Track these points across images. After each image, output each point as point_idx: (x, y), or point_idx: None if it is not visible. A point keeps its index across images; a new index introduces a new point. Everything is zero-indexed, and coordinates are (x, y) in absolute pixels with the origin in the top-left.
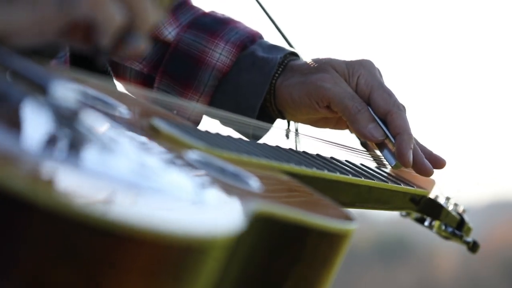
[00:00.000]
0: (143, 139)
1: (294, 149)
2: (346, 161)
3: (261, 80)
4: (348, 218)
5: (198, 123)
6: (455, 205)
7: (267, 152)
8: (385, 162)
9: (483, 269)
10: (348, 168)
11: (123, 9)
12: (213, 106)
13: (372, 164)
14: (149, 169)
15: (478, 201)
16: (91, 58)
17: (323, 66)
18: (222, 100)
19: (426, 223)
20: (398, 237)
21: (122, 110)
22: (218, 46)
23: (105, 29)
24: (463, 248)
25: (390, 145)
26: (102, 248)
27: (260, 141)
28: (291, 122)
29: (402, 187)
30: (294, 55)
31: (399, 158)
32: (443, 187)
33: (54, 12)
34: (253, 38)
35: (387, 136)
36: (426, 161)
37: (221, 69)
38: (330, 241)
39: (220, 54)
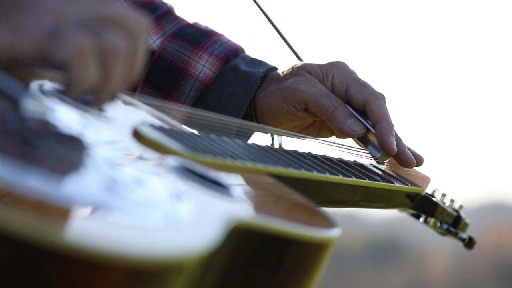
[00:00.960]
0: (123, 146)
1: (284, 148)
2: (338, 159)
3: (243, 94)
4: (331, 225)
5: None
6: (452, 201)
7: (254, 154)
8: (371, 157)
9: (475, 270)
10: (339, 168)
11: (100, 72)
12: None
13: (368, 162)
14: (121, 184)
15: (471, 202)
16: None
17: (297, 70)
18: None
19: (421, 220)
20: (390, 238)
21: (106, 114)
22: (202, 58)
23: (76, 83)
24: (455, 249)
25: (373, 139)
26: (68, 275)
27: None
28: (275, 136)
29: (396, 185)
30: (275, 69)
31: (382, 146)
32: (439, 184)
33: (35, 44)
34: (236, 52)
35: (368, 130)
36: (408, 151)
37: (204, 80)
38: (312, 251)
39: (203, 66)
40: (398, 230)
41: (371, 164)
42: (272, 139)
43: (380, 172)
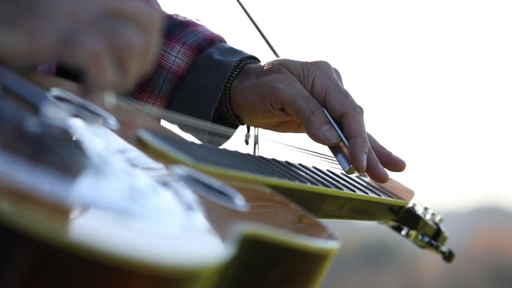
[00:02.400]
0: (132, 154)
1: (277, 159)
2: (327, 170)
3: (215, 84)
4: (330, 236)
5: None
6: (433, 214)
7: (251, 165)
8: (339, 166)
9: (467, 274)
10: (330, 179)
11: (117, 71)
12: (171, 110)
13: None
14: (139, 192)
15: (463, 206)
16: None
17: (277, 67)
18: (178, 104)
19: (403, 232)
20: (383, 241)
21: (111, 122)
22: (174, 48)
23: (97, 86)
24: (448, 236)
25: (345, 149)
26: (94, 281)
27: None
28: (251, 128)
29: (382, 198)
30: (253, 58)
31: (353, 162)
32: (421, 197)
33: (51, 48)
34: (212, 41)
35: (342, 140)
36: (381, 167)
37: (176, 72)
38: (312, 261)
39: (175, 57)
40: (391, 233)
41: (356, 177)
42: (248, 130)
43: (366, 185)
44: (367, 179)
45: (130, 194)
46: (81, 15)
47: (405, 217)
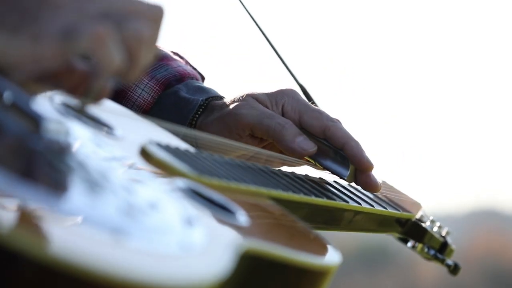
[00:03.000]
0: (135, 167)
1: (282, 170)
2: (334, 181)
3: (179, 122)
4: (331, 253)
5: None
6: (440, 227)
7: (256, 177)
8: (335, 177)
9: (465, 277)
10: (336, 191)
11: (125, 56)
12: None
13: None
14: (137, 209)
15: (461, 209)
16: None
17: (241, 97)
18: None
19: (409, 244)
20: (381, 244)
21: (116, 132)
22: (142, 82)
23: (102, 70)
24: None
25: (335, 159)
26: None
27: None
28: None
29: (388, 211)
30: (220, 98)
31: (358, 164)
32: (428, 210)
33: (56, 48)
34: (182, 77)
35: (331, 149)
36: (373, 175)
37: (141, 105)
38: (312, 278)
39: (142, 90)
40: (389, 237)
41: (348, 185)
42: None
43: (372, 197)
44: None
45: (127, 210)
46: (85, 13)
47: (411, 230)
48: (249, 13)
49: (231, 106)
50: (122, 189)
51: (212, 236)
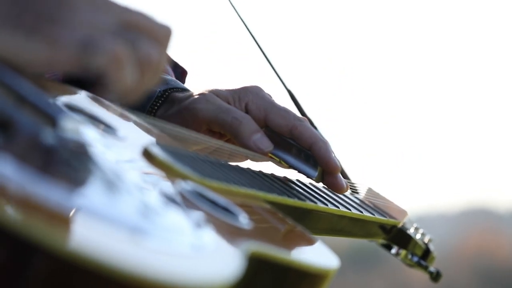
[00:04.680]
0: (142, 169)
1: (275, 175)
2: (323, 187)
3: (138, 110)
4: (330, 257)
5: None
6: (423, 234)
7: (252, 180)
8: (303, 176)
9: (456, 276)
10: (327, 197)
11: (136, 77)
12: None
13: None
14: (151, 209)
15: (452, 208)
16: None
17: (202, 92)
18: None
19: (393, 251)
20: (372, 244)
21: (120, 134)
22: None
23: (119, 91)
24: (436, 255)
25: (303, 158)
26: None
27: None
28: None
29: (376, 217)
30: (183, 90)
31: (325, 165)
32: (420, 209)
33: (73, 56)
34: None
35: (298, 149)
36: (340, 176)
37: None
38: (312, 281)
39: None
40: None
41: (350, 194)
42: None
43: (359, 203)
44: (360, 197)
45: (142, 210)
46: (100, 26)
47: (396, 236)
48: (239, 16)
49: (188, 100)
50: (136, 189)
51: (221, 238)
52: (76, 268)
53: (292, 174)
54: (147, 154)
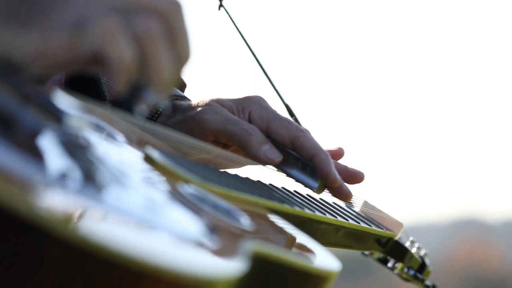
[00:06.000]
0: (144, 171)
1: (274, 184)
2: (320, 199)
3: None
4: (332, 259)
5: None
6: (418, 248)
7: (252, 188)
8: (303, 188)
9: (447, 285)
10: (325, 208)
11: (135, 47)
12: None
13: (341, 203)
14: (157, 204)
15: (443, 219)
16: (87, 81)
17: (206, 101)
18: None
19: (389, 264)
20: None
21: (119, 138)
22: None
23: (117, 65)
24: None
25: (304, 170)
26: (115, 282)
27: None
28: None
29: (373, 228)
30: (183, 98)
31: (325, 178)
32: (411, 219)
33: (65, 41)
34: None
35: (299, 160)
36: (345, 184)
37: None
38: (314, 282)
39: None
40: None
41: (346, 206)
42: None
43: (356, 214)
44: (356, 209)
45: (149, 205)
46: (94, 7)
47: (393, 249)
48: (237, 28)
49: (195, 111)
50: (140, 186)
51: (224, 236)
52: (87, 255)
53: (290, 184)
54: (149, 159)
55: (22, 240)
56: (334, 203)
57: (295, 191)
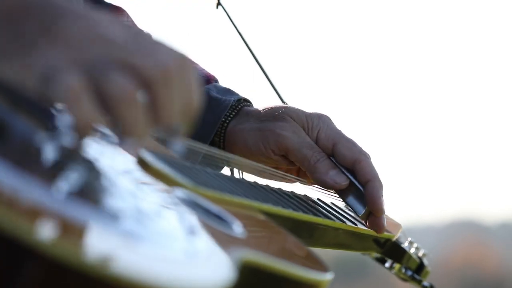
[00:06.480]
0: (136, 176)
1: (270, 186)
2: (318, 199)
3: (212, 121)
4: (324, 267)
5: None
6: (417, 248)
7: (247, 191)
8: (350, 210)
9: (444, 287)
10: (321, 209)
11: (99, 110)
12: None
13: (340, 204)
14: (145, 215)
15: (440, 220)
16: None
17: (282, 115)
18: None
19: (387, 265)
20: (359, 255)
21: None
22: None
23: (77, 124)
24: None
25: (355, 194)
26: None
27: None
28: (235, 171)
29: (371, 230)
30: (248, 101)
31: (372, 205)
32: (408, 221)
33: (35, 84)
34: (208, 79)
35: (352, 184)
36: (385, 217)
37: None
38: None
39: None
40: None
41: (345, 207)
42: (232, 172)
43: (354, 216)
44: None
45: (136, 216)
46: (82, 55)
47: (390, 250)
48: (235, 26)
49: (274, 124)
50: (129, 195)
51: (214, 245)
52: (70, 271)
53: (287, 187)
54: (142, 162)
55: (6, 257)
56: (332, 203)
57: (291, 192)
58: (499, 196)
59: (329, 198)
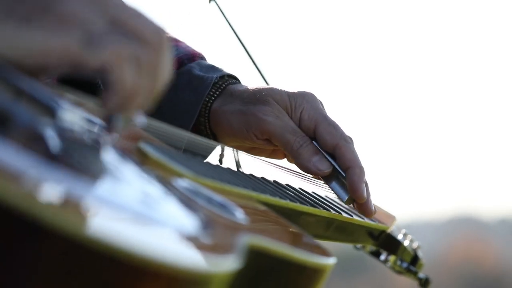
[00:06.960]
0: (137, 164)
1: (266, 178)
2: (313, 192)
3: (194, 100)
4: (326, 252)
5: None
6: (411, 241)
7: (244, 181)
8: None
9: (442, 283)
10: (317, 200)
11: (138, 77)
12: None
13: (332, 195)
14: (152, 198)
15: (439, 216)
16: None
17: (265, 97)
18: (159, 118)
19: (382, 257)
20: (359, 251)
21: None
22: None
23: (118, 89)
24: (424, 262)
25: (340, 181)
26: (114, 277)
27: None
28: (232, 151)
29: (365, 221)
30: (234, 78)
31: (353, 193)
32: (407, 217)
33: (73, 51)
34: (192, 57)
35: (335, 169)
36: (371, 201)
37: None
38: (310, 275)
39: None
40: None
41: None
42: (222, 150)
43: (349, 208)
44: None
45: (144, 199)
46: (94, 21)
47: (385, 242)
48: (228, 21)
49: (257, 107)
50: (134, 180)
51: (219, 229)
52: (86, 250)
53: (282, 178)
54: (141, 153)
55: (18, 235)
56: (326, 196)
57: (287, 184)
58: (498, 192)
59: (324, 191)
